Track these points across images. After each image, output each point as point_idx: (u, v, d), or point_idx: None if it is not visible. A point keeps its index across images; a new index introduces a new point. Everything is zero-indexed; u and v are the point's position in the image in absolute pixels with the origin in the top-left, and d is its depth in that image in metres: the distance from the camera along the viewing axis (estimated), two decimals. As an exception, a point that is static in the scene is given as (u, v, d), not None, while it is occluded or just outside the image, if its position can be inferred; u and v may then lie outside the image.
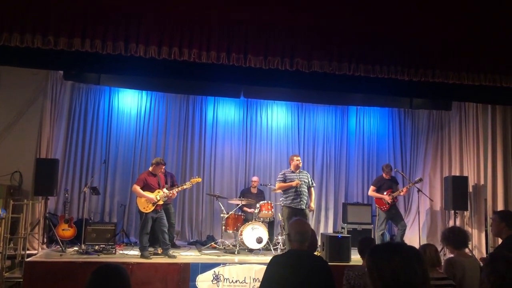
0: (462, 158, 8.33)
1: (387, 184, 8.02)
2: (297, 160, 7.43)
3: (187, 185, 7.38)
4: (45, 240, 7.32)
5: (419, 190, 8.16)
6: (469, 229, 7.73)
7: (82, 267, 5.98)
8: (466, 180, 7.93)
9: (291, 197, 7.23)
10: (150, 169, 7.09)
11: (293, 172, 7.39)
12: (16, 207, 6.76)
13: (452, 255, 4.11)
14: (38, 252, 6.76)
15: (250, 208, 8.35)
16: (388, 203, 7.81)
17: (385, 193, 7.91)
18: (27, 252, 6.52)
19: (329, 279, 3.21)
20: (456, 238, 4.03)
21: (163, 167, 7.23)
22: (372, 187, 8.19)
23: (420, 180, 8.23)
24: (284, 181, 7.33)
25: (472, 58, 6.08)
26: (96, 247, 7.08)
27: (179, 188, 7.35)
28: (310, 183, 7.52)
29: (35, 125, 7.47)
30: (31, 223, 7.04)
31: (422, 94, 6.98)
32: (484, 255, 7.24)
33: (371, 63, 5.86)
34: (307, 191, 7.36)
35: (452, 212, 7.99)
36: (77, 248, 7.02)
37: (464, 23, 6.03)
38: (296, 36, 5.74)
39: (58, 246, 7.06)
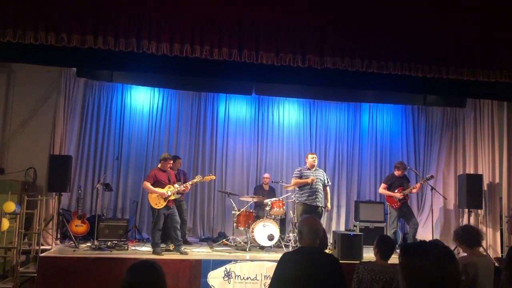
0: (477, 155, 8.21)
1: (398, 182, 7.93)
2: (311, 159, 7.44)
3: (197, 179, 7.37)
4: (58, 235, 7.40)
5: (432, 188, 8.07)
6: (484, 228, 7.63)
7: (95, 262, 6.03)
8: (480, 178, 7.83)
9: (307, 194, 7.25)
10: (159, 165, 7.12)
11: (308, 169, 7.40)
12: (30, 203, 6.85)
13: (465, 254, 4.05)
14: (52, 247, 6.84)
15: (263, 203, 8.31)
16: (400, 200, 7.72)
17: (396, 191, 7.83)
18: (41, 247, 6.60)
19: (339, 276, 3.18)
20: (470, 237, 3.97)
21: (171, 161, 7.23)
22: (383, 185, 8.11)
23: (432, 177, 8.12)
24: (300, 177, 7.35)
25: (487, 55, 5.98)
26: (109, 243, 7.13)
27: (190, 183, 7.37)
28: (326, 181, 7.52)
29: (49, 122, 7.56)
30: (45, 218, 7.13)
31: (436, 91, 6.90)
32: (499, 254, 7.14)
33: (384, 59, 5.80)
34: (322, 189, 7.37)
35: (466, 210, 7.89)
36: (90, 244, 7.09)
37: (479, 19, 5.94)
38: (308, 33, 5.70)
39: (71, 242, 7.12)
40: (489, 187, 7.80)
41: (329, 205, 7.66)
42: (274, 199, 8.06)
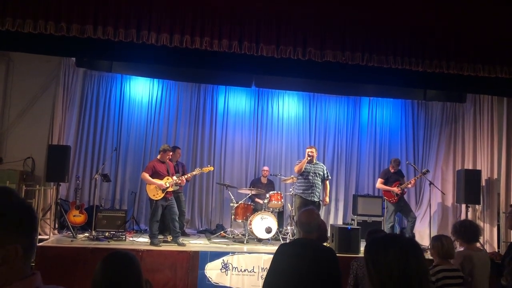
0: (476, 151, 8.22)
1: (394, 177, 7.97)
2: (308, 152, 7.38)
3: (196, 171, 7.39)
4: (56, 225, 7.40)
5: (430, 183, 8.08)
6: (481, 224, 7.64)
7: (93, 253, 6.04)
8: (479, 173, 7.83)
9: (303, 187, 7.24)
10: (158, 156, 7.11)
11: (307, 162, 7.36)
12: (28, 192, 6.85)
13: (462, 249, 4.07)
14: (50, 237, 6.84)
15: (260, 199, 8.33)
16: (397, 194, 7.75)
17: (393, 186, 7.85)
18: (39, 237, 6.60)
19: (334, 268, 3.19)
20: (467, 232, 3.98)
21: (171, 153, 7.22)
22: (380, 180, 8.13)
23: (427, 171, 8.12)
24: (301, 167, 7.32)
25: (487, 50, 5.97)
26: (107, 234, 7.14)
27: (189, 175, 7.37)
28: (325, 175, 7.48)
29: (48, 112, 7.55)
30: (43, 208, 7.13)
31: (436, 85, 6.89)
32: (496, 249, 7.16)
33: (384, 53, 5.79)
34: (320, 183, 7.35)
35: (464, 206, 7.90)
36: (87, 234, 7.09)
37: (480, 15, 5.92)
38: (309, 25, 5.68)
39: (69, 232, 7.13)
40: (487, 183, 7.81)
41: (327, 199, 7.63)
42: (272, 192, 8.07)
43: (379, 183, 8.13)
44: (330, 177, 7.69)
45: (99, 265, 2.17)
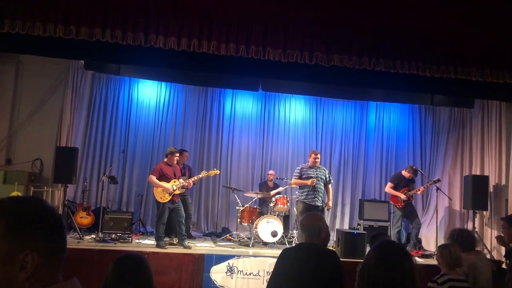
0: (483, 157, 8.16)
1: (405, 182, 7.93)
2: (314, 158, 7.37)
3: (203, 174, 7.41)
4: (63, 227, 7.43)
5: (438, 189, 8.03)
6: (489, 230, 7.60)
7: (99, 254, 6.07)
8: (486, 179, 7.77)
9: (305, 193, 7.22)
10: (165, 159, 7.14)
11: (310, 167, 7.36)
12: (36, 193, 6.90)
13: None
14: (57, 238, 6.87)
15: (267, 200, 8.32)
16: (404, 201, 7.72)
17: (401, 191, 7.82)
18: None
19: (337, 272, 3.17)
20: (464, 241, 3.97)
21: (177, 155, 7.23)
22: (389, 184, 8.09)
23: (438, 180, 8.07)
24: (300, 177, 7.32)
25: (496, 55, 5.93)
26: (113, 235, 7.17)
27: (196, 178, 7.39)
28: (328, 179, 7.48)
29: (56, 114, 7.62)
30: (50, 209, 7.16)
31: (444, 90, 6.86)
32: (503, 256, 7.10)
33: (391, 58, 5.77)
34: (323, 187, 7.34)
35: (471, 212, 7.85)
36: (94, 236, 7.13)
37: (488, 19, 5.89)
38: (316, 30, 5.69)
39: (76, 233, 7.17)
40: (495, 189, 7.76)
41: (330, 203, 7.59)
42: (279, 191, 8.06)
43: (388, 187, 8.10)
44: (332, 181, 7.68)
45: (112, 266, 2.20)
